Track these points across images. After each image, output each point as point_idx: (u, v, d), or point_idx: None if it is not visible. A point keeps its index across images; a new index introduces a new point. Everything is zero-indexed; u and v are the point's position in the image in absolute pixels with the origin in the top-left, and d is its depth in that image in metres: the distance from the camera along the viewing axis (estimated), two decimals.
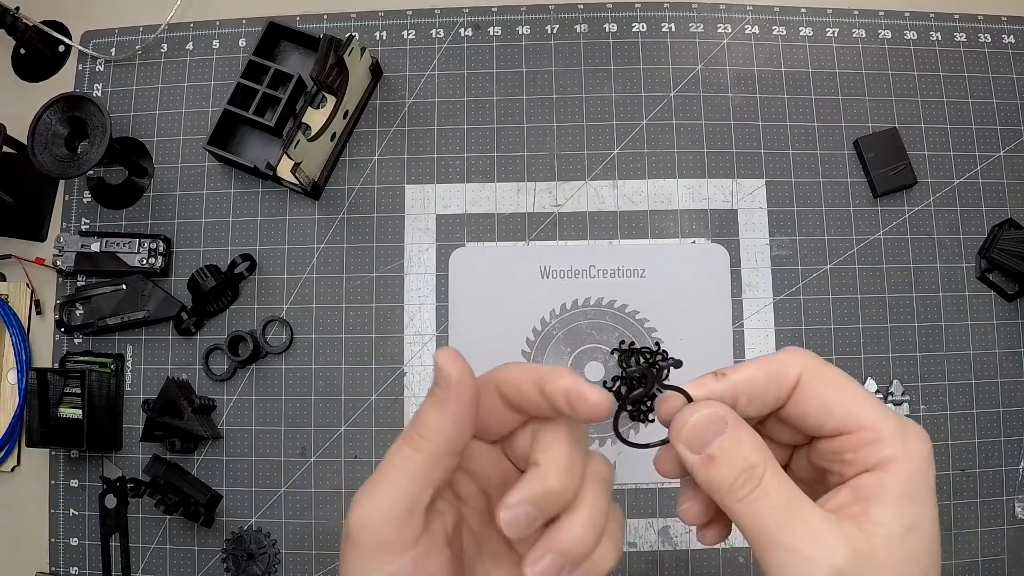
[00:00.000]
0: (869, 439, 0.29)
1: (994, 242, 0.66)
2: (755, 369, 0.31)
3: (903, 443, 0.29)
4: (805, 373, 0.31)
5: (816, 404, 0.30)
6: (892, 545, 0.28)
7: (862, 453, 0.29)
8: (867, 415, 0.30)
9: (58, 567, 0.64)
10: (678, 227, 0.67)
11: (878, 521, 0.28)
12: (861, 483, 0.29)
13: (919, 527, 0.28)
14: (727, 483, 0.29)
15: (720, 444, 0.30)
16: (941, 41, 0.70)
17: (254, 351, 0.65)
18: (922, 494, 0.29)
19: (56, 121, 0.63)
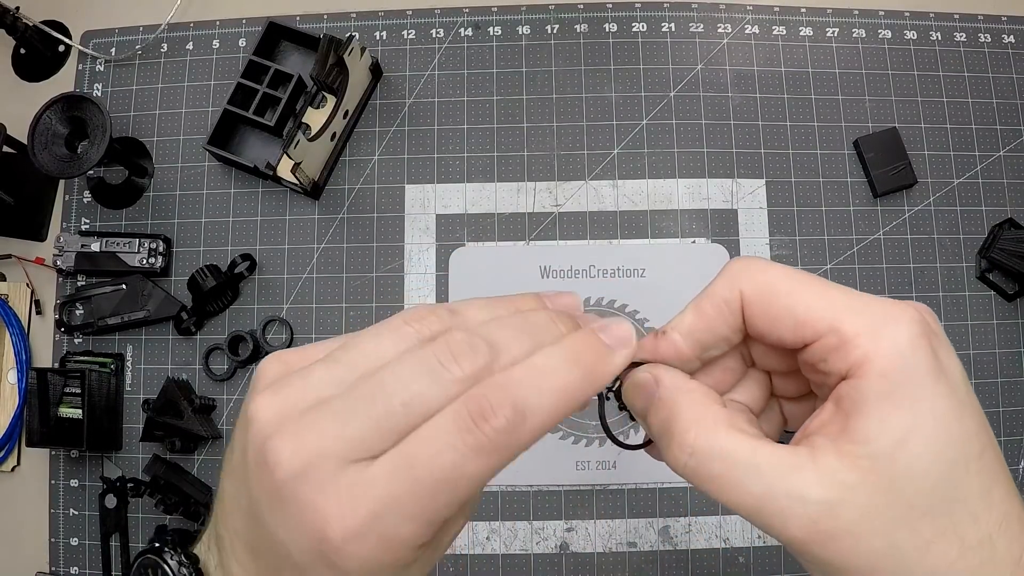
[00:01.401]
0: (831, 345, 0.25)
1: (994, 242, 0.66)
2: (691, 312, 0.28)
3: (873, 336, 0.24)
4: (745, 292, 0.27)
5: (766, 322, 0.27)
6: (880, 464, 0.23)
7: (831, 361, 0.25)
8: (821, 316, 0.25)
9: (58, 567, 0.64)
10: (678, 227, 0.67)
11: (860, 439, 0.24)
12: (840, 394, 0.25)
13: (914, 433, 0.23)
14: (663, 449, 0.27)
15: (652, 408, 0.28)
16: (941, 41, 0.70)
17: (254, 351, 0.65)
18: (913, 391, 0.23)
19: (56, 121, 0.63)
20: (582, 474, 0.64)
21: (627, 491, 0.64)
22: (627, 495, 0.64)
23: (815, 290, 0.26)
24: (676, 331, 0.28)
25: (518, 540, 0.63)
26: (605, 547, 0.63)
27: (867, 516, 0.23)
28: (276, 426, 0.23)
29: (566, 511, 0.64)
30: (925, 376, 0.24)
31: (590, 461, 0.64)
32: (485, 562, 0.63)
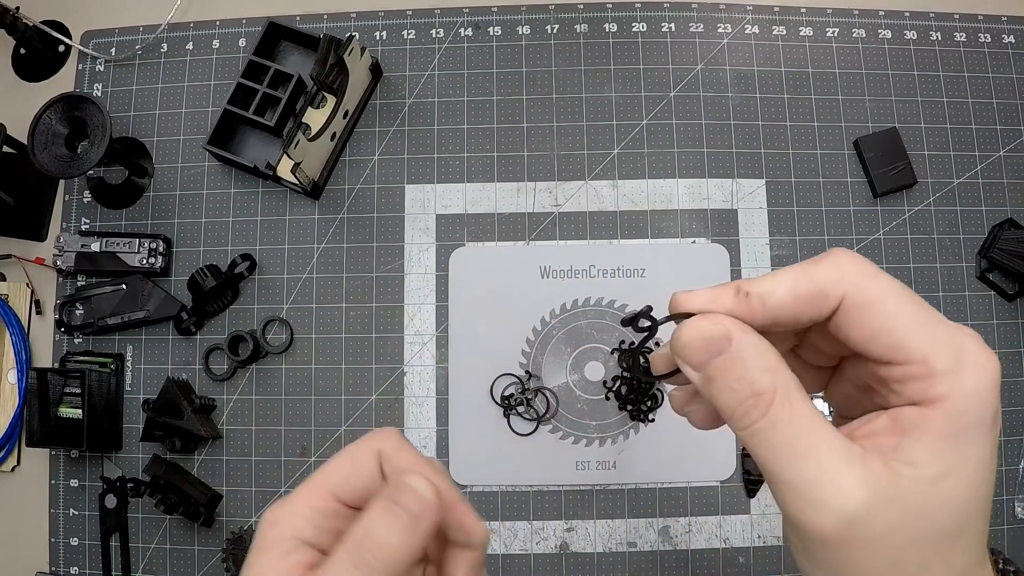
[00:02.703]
0: (918, 374, 0.25)
1: (994, 242, 0.66)
2: (785, 292, 0.27)
3: (957, 379, 0.25)
4: (849, 297, 0.26)
5: (859, 333, 0.26)
6: (920, 488, 0.24)
7: (909, 387, 0.25)
8: (918, 346, 0.25)
9: (58, 567, 0.64)
10: (678, 227, 0.67)
11: (910, 460, 0.25)
12: (903, 414, 0.26)
13: (956, 473, 0.25)
14: (728, 409, 0.26)
15: (719, 365, 0.26)
16: (941, 41, 0.70)
17: (254, 351, 0.65)
18: (968, 437, 0.25)
19: (56, 121, 0.63)
20: (582, 474, 0.64)
21: (627, 491, 0.64)
22: (627, 495, 0.64)
23: (917, 315, 0.26)
24: (762, 299, 0.27)
25: (518, 540, 0.63)
26: (605, 547, 0.63)
27: (893, 532, 0.24)
28: None
29: (566, 511, 0.64)
30: (984, 426, 0.25)
31: (590, 461, 0.64)
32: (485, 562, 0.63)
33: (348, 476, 0.30)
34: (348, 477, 0.30)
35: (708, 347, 0.27)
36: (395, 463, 0.30)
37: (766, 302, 0.27)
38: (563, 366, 0.66)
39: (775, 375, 0.26)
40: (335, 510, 0.29)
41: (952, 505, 0.25)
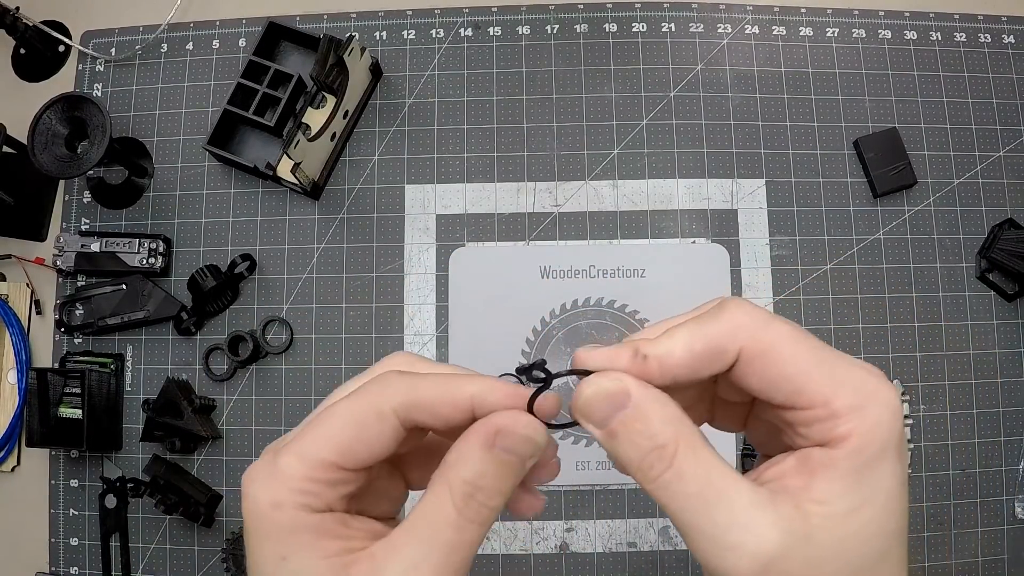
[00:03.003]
0: (821, 416, 0.26)
1: (994, 242, 0.66)
2: (682, 351, 0.27)
3: (859, 417, 0.25)
4: (747, 349, 0.26)
5: (759, 381, 0.27)
6: (832, 525, 0.25)
7: (813, 429, 0.26)
8: (818, 389, 0.26)
9: (58, 567, 0.64)
10: (678, 227, 0.67)
11: (819, 499, 0.25)
12: (809, 455, 0.26)
13: (866, 506, 0.25)
14: (634, 462, 0.26)
15: (621, 420, 0.26)
16: (941, 41, 0.70)
17: (254, 351, 0.65)
18: (875, 471, 0.25)
19: (56, 121, 0.63)
20: (582, 474, 0.64)
21: (627, 491, 0.64)
22: (627, 495, 0.64)
23: (815, 358, 0.26)
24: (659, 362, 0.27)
25: (518, 540, 0.63)
26: (605, 547, 0.63)
27: (810, 570, 0.25)
28: None
29: (566, 511, 0.64)
30: (889, 457, 0.25)
31: (590, 461, 0.64)
32: (485, 562, 0.63)
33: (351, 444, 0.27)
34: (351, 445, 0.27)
35: (608, 403, 0.27)
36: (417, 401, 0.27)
37: (663, 364, 0.27)
38: (563, 366, 0.65)
39: (677, 427, 0.26)
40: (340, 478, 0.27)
41: (866, 537, 0.25)
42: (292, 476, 0.26)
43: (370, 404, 0.27)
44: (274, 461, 0.27)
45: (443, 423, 0.28)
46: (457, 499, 0.26)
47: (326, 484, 0.27)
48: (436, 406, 0.28)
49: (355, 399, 0.28)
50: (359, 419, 0.27)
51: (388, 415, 0.27)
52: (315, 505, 0.27)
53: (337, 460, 0.27)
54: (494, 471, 0.27)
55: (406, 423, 0.28)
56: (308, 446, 0.27)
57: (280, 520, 0.26)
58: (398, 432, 0.28)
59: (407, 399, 0.27)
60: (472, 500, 0.26)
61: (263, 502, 0.26)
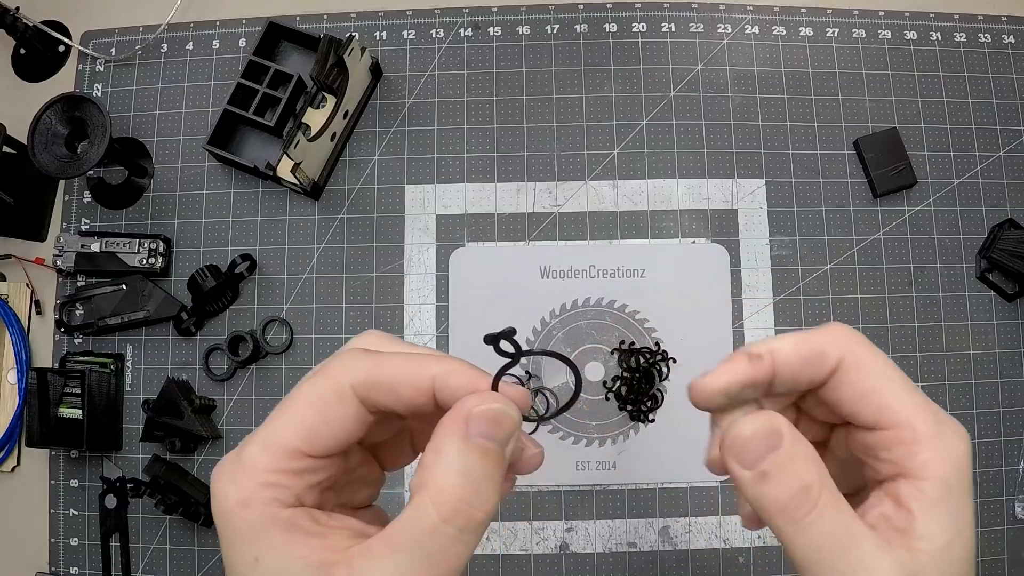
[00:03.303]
0: (904, 439, 0.27)
1: (994, 242, 0.66)
2: (791, 350, 0.29)
3: (939, 445, 0.27)
4: (846, 359, 0.28)
5: (851, 393, 0.28)
6: (936, 560, 0.26)
7: (896, 453, 0.27)
8: (904, 411, 0.27)
9: (58, 567, 0.64)
10: (678, 227, 0.67)
11: (923, 536, 0.26)
12: (901, 492, 0.27)
13: (959, 535, 0.27)
14: (780, 503, 0.27)
15: (775, 460, 0.27)
16: (941, 41, 0.70)
17: (254, 351, 0.65)
18: (960, 499, 0.27)
19: (56, 121, 0.63)
20: (582, 474, 0.64)
21: (627, 491, 0.64)
22: (627, 495, 0.64)
23: (904, 384, 0.28)
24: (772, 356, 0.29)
25: (518, 540, 0.63)
26: (605, 547, 0.63)
27: None
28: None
29: (566, 511, 0.64)
30: (967, 488, 0.27)
31: (590, 461, 0.64)
32: (485, 562, 0.63)
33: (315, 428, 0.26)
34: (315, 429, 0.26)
35: (764, 443, 0.27)
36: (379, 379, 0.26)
37: (775, 358, 0.29)
38: (563, 366, 0.65)
39: (820, 468, 0.27)
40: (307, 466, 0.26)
41: (961, 563, 0.27)
42: (257, 468, 0.25)
43: (332, 384, 0.26)
44: (239, 453, 0.26)
45: (404, 405, 0.27)
46: (443, 508, 0.24)
47: (293, 474, 0.26)
48: (397, 386, 0.27)
49: (316, 379, 0.27)
50: (321, 400, 0.26)
51: (349, 395, 0.26)
52: (284, 499, 0.25)
53: (302, 446, 0.26)
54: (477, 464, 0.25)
55: (368, 404, 0.27)
56: (271, 434, 0.26)
57: (249, 518, 0.25)
58: (362, 414, 0.27)
59: (368, 377, 0.26)
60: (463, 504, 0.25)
61: (231, 500, 0.25)
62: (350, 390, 0.26)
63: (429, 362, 0.27)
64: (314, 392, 0.27)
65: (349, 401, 0.26)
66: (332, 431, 0.26)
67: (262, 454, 0.26)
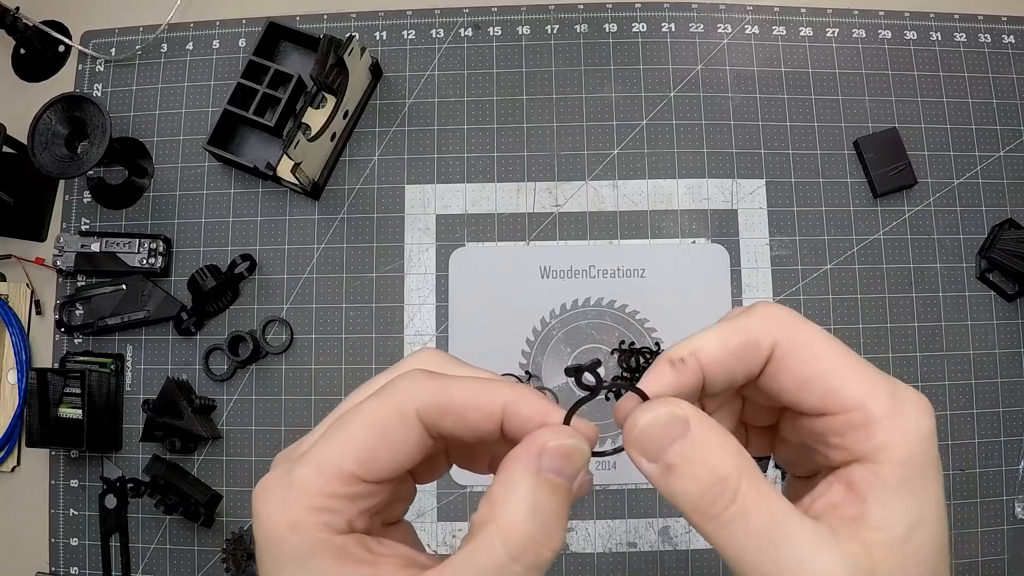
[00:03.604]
0: (856, 422, 0.24)
1: (994, 242, 0.66)
2: (717, 346, 0.26)
3: (897, 424, 0.24)
4: (780, 344, 0.25)
5: (791, 381, 0.25)
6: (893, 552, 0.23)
7: (849, 438, 0.24)
8: (853, 393, 0.24)
9: (58, 567, 0.64)
10: (678, 227, 0.67)
11: (878, 526, 0.24)
12: (854, 477, 0.24)
13: (923, 522, 0.24)
14: (693, 499, 0.24)
15: (680, 450, 0.24)
16: (941, 41, 0.70)
17: (254, 351, 0.65)
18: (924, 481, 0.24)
19: (56, 121, 0.63)
20: None
21: (627, 491, 0.64)
22: (627, 495, 0.64)
23: (850, 361, 0.25)
24: (695, 358, 0.26)
25: None
26: (605, 547, 0.63)
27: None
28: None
29: None
30: (932, 467, 0.24)
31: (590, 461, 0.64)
32: None
33: (374, 452, 0.24)
34: (375, 453, 0.24)
35: (666, 432, 0.24)
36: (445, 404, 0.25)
37: (700, 359, 0.26)
38: (563, 366, 0.66)
39: (738, 457, 0.24)
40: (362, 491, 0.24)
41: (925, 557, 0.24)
42: (310, 491, 0.24)
43: (394, 406, 0.25)
44: (289, 474, 0.24)
45: (470, 432, 0.26)
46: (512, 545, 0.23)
47: (346, 499, 0.24)
48: (466, 411, 0.25)
49: (378, 400, 0.25)
50: (382, 423, 0.25)
51: (413, 419, 0.25)
52: (336, 524, 0.24)
53: (358, 471, 0.24)
54: (547, 500, 0.23)
55: (432, 429, 0.25)
56: (326, 455, 0.24)
57: (299, 543, 0.23)
58: (423, 440, 0.25)
59: (435, 402, 0.25)
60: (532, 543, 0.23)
61: (279, 524, 0.24)
62: (414, 414, 0.25)
63: (499, 388, 0.26)
64: (376, 413, 0.25)
65: (413, 426, 0.25)
66: (392, 456, 0.25)
67: (315, 477, 0.24)
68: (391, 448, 0.24)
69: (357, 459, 0.24)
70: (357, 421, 0.25)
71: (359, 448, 0.24)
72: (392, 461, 0.25)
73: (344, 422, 0.25)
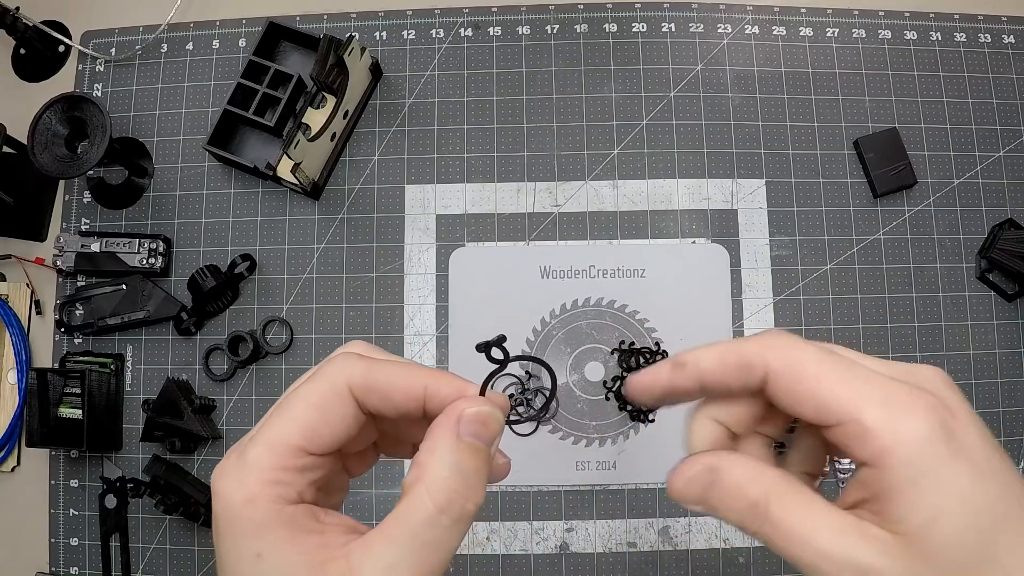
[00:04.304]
0: (852, 433, 0.26)
1: (994, 242, 0.66)
2: (715, 360, 0.29)
3: (892, 430, 0.26)
4: (774, 368, 0.28)
5: (788, 400, 0.28)
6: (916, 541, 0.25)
7: (852, 447, 0.27)
8: (845, 407, 0.27)
9: (58, 567, 0.64)
10: (678, 227, 0.67)
11: (896, 519, 0.26)
12: (867, 478, 0.27)
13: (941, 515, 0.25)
14: (735, 523, 0.29)
15: (715, 496, 0.29)
16: (941, 41, 0.70)
17: (254, 351, 0.65)
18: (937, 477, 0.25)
19: (56, 121, 0.63)
20: (582, 474, 0.64)
21: (627, 491, 0.64)
22: (627, 495, 0.64)
23: (841, 375, 0.27)
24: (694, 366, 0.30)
25: (518, 540, 0.63)
26: (605, 547, 0.63)
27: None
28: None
29: (566, 511, 0.64)
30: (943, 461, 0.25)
31: (590, 461, 0.64)
32: (485, 562, 0.63)
33: (316, 427, 0.28)
34: (316, 428, 0.28)
35: (701, 486, 0.29)
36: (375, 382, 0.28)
37: (699, 366, 0.30)
38: (563, 366, 0.66)
39: (762, 482, 0.28)
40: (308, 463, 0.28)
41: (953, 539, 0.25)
42: (262, 467, 0.27)
43: (330, 386, 0.28)
44: (242, 456, 0.27)
45: (395, 409, 0.29)
46: (438, 498, 0.26)
47: (296, 471, 0.27)
48: (391, 391, 0.28)
49: (314, 382, 0.28)
50: (321, 401, 0.28)
51: (347, 395, 0.28)
52: (287, 496, 0.27)
53: (304, 444, 0.27)
54: (467, 460, 0.27)
55: (363, 405, 0.28)
56: (275, 434, 0.27)
57: (254, 515, 0.26)
58: (358, 414, 0.28)
59: (364, 380, 0.28)
60: (456, 496, 0.27)
61: (236, 499, 0.26)
62: (348, 391, 0.28)
63: (421, 371, 0.29)
64: (314, 393, 0.28)
65: (347, 401, 0.28)
66: (332, 429, 0.28)
67: (267, 453, 0.27)
68: (331, 423, 0.28)
69: (302, 435, 0.27)
70: (298, 402, 0.28)
71: (303, 425, 0.27)
72: (332, 436, 0.28)
73: (287, 404, 0.28)
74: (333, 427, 0.28)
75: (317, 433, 0.28)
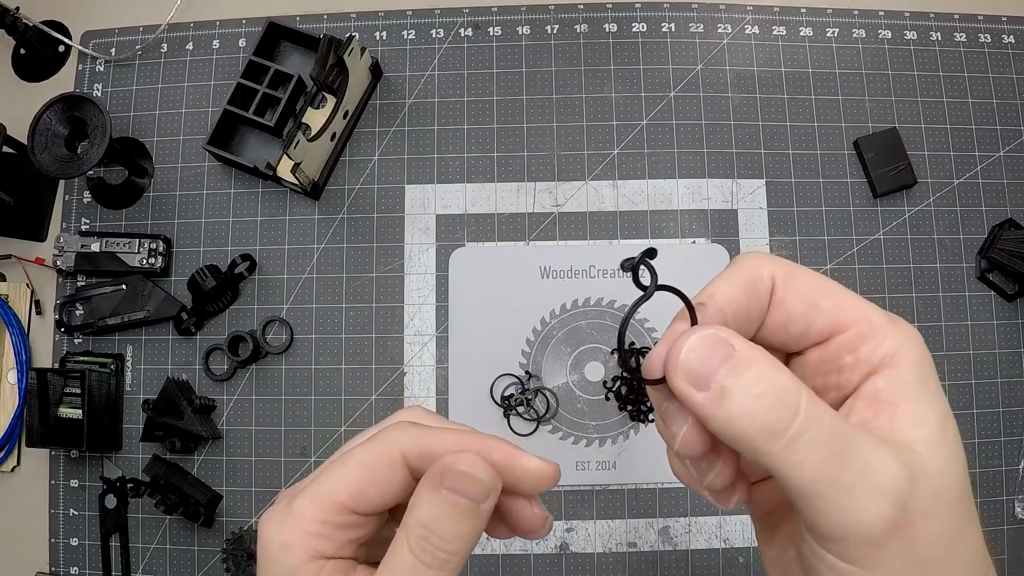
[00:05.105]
0: (865, 332, 0.26)
1: (994, 242, 0.66)
2: (728, 286, 0.27)
3: (900, 330, 0.26)
4: (777, 275, 0.27)
5: (799, 304, 0.26)
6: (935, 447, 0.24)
7: (862, 351, 0.25)
8: (854, 307, 0.26)
9: (58, 567, 0.64)
10: (678, 227, 0.67)
11: (915, 424, 0.24)
12: (876, 389, 0.25)
13: (948, 417, 0.25)
14: (757, 420, 0.22)
15: (733, 368, 0.23)
16: (941, 41, 0.70)
17: (254, 351, 0.65)
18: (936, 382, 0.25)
19: (56, 121, 0.63)
20: (582, 474, 0.64)
21: (627, 491, 0.64)
22: (627, 495, 0.64)
23: (837, 284, 0.27)
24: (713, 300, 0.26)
25: (518, 540, 0.63)
26: (605, 547, 0.63)
27: (936, 498, 0.23)
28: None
29: (566, 511, 0.64)
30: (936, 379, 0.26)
31: (590, 461, 0.64)
32: (485, 562, 0.63)
33: (364, 488, 0.28)
34: (364, 489, 0.28)
35: (713, 354, 0.23)
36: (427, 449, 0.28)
37: (718, 300, 0.27)
38: (563, 366, 0.66)
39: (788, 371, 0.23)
40: (351, 522, 0.28)
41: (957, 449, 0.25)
42: (304, 518, 0.27)
43: (383, 449, 0.28)
44: (290, 504, 0.28)
45: None
46: (412, 542, 0.26)
47: (337, 527, 0.28)
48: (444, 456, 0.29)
49: (369, 444, 0.29)
50: (372, 463, 0.28)
51: (399, 461, 0.28)
52: (324, 549, 0.27)
53: (349, 503, 0.28)
54: (445, 513, 0.27)
55: (415, 472, 0.28)
56: (322, 489, 0.28)
57: (287, 560, 0.27)
58: (408, 480, 0.28)
59: (417, 447, 0.28)
60: (426, 543, 0.26)
61: (275, 543, 0.27)
62: (400, 457, 0.28)
63: (472, 438, 0.29)
64: (367, 455, 0.28)
65: (397, 467, 0.28)
66: (380, 492, 0.28)
67: (311, 506, 0.28)
68: (379, 485, 0.28)
69: (349, 493, 0.28)
70: (350, 462, 0.28)
71: (351, 484, 0.28)
72: (379, 497, 0.28)
73: (339, 462, 0.28)
74: (381, 490, 0.28)
75: (364, 494, 0.28)
